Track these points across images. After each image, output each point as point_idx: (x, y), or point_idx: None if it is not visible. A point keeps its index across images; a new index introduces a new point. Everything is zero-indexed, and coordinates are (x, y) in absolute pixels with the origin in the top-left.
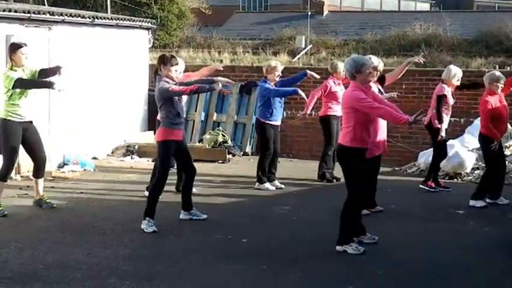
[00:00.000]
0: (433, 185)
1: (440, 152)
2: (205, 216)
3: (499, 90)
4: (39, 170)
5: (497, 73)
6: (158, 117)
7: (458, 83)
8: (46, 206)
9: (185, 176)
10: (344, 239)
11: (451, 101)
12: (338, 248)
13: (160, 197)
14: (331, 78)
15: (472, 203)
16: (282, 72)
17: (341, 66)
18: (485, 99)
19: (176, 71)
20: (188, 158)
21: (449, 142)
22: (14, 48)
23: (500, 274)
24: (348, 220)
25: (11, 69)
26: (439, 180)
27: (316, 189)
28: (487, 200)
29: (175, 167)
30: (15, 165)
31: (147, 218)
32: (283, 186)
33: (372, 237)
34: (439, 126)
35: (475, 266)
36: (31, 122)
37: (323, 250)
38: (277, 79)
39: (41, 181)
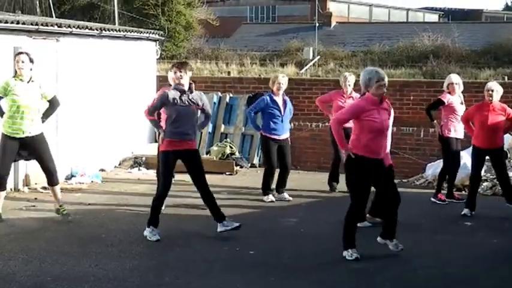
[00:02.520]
0: (443, 197)
1: (452, 162)
2: (237, 224)
3: (486, 99)
4: (50, 178)
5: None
6: None
7: (456, 89)
8: (63, 217)
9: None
10: (344, 244)
11: (457, 108)
12: (344, 253)
13: (163, 207)
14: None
15: None
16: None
17: (351, 80)
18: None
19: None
20: (197, 172)
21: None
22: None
23: (508, 286)
24: (346, 225)
25: (13, 77)
26: (454, 192)
27: (324, 202)
28: None
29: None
30: (8, 173)
31: (150, 227)
32: (291, 198)
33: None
34: (449, 135)
35: (483, 278)
36: (35, 136)
37: (331, 262)
38: (280, 92)
39: (57, 188)
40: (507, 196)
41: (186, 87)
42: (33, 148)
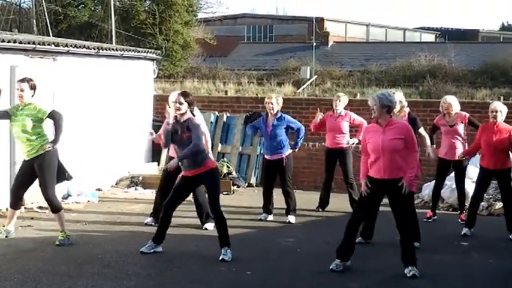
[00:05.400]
0: (429, 214)
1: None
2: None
3: (491, 120)
4: (49, 206)
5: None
6: None
7: (449, 109)
8: (58, 241)
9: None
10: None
11: (445, 129)
12: None
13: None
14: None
15: None
16: (287, 102)
17: (343, 100)
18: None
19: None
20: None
21: (454, 174)
22: None
23: None
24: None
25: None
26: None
27: (321, 221)
28: None
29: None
30: (20, 193)
31: (151, 241)
32: (292, 222)
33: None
34: (438, 155)
35: None
36: (40, 155)
37: (328, 282)
38: (272, 112)
39: (56, 216)
40: (510, 226)
41: (183, 115)
42: (37, 169)
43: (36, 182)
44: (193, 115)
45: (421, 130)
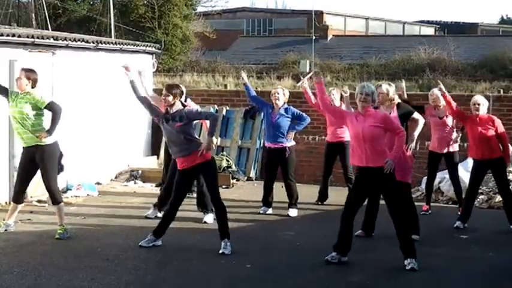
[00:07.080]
0: (425, 208)
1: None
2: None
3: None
4: (50, 198)
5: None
6: None
7: (437, 102)
8: (57, 234)
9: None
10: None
11: (436, 122)
12: None
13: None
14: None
15: None
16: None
17: (335, 93)
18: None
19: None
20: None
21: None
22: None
23: None
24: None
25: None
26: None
27: (320, 214)
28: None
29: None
30: (21, 188)
31: (151, 235)
32: (291, 215)
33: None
34: (429, 149)
35: None
36: (40, 146)
37: (328, 275)
38: (278, 103)
39: (56, 208)
40: (510, 216)
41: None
42: (37, 162)
43: (38, 174)
44: (184, 106)
45: (415, 115)
